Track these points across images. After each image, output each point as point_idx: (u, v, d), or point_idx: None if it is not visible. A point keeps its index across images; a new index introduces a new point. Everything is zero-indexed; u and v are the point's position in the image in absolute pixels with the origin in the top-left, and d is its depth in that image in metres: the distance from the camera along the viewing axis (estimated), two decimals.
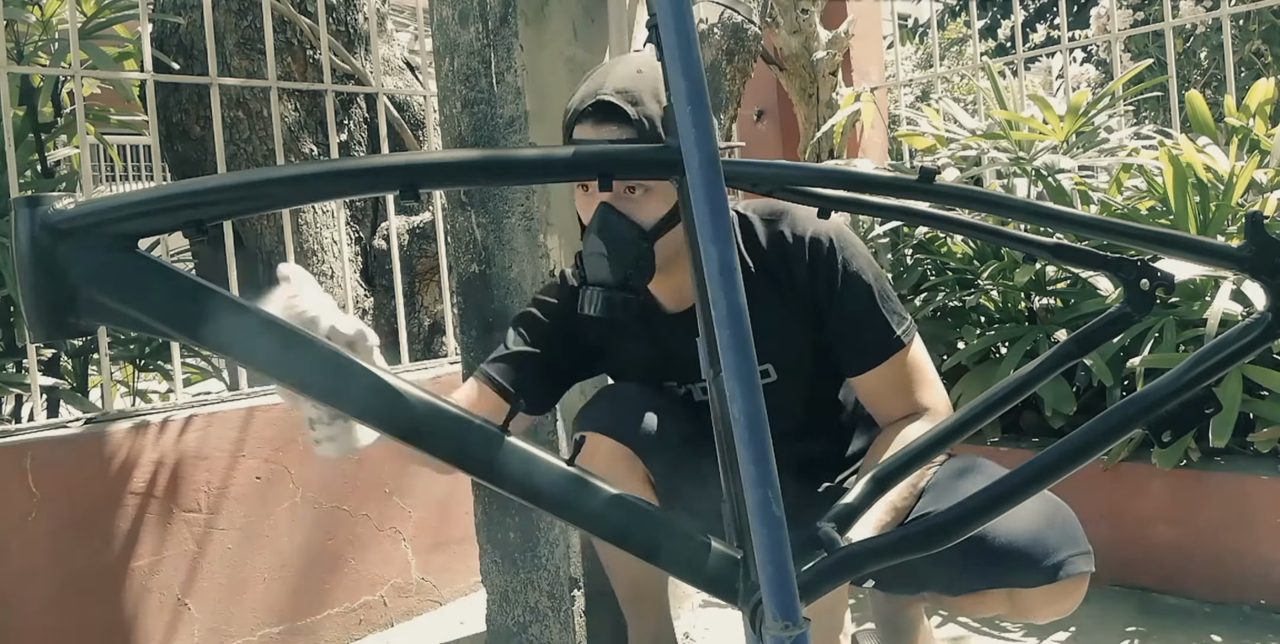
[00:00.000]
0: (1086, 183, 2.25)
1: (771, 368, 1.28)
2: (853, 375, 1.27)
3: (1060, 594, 1.16)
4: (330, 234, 2.79)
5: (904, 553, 0.76)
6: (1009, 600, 1.19)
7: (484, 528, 1.81)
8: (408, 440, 0.70)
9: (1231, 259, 0.79)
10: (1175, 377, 0.79)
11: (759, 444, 0.56)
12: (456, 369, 1.94)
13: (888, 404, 1.26)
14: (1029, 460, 0.78)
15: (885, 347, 1.23)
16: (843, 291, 1.23)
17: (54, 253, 0.63)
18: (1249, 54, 4.17)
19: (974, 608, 1.27)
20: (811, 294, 1.24)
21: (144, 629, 1.77)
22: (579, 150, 0.72)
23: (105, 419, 1.83)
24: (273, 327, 0.68)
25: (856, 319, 1.24)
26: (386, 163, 0.68)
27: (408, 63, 3.17)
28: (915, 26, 8.51)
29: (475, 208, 1.74)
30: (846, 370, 1.27)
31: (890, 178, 0.77)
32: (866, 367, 1.24)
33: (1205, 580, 1.91)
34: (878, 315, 1.23)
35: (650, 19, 0.64)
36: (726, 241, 0.57)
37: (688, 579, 0.74)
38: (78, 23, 2.15)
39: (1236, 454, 1.96)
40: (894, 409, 1.25)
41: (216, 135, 2.07)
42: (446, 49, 1.75)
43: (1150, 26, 3.27)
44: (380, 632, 2.09)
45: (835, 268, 1.23)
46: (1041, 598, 1.16)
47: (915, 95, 6.11)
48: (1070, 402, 1.99)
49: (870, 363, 1.24)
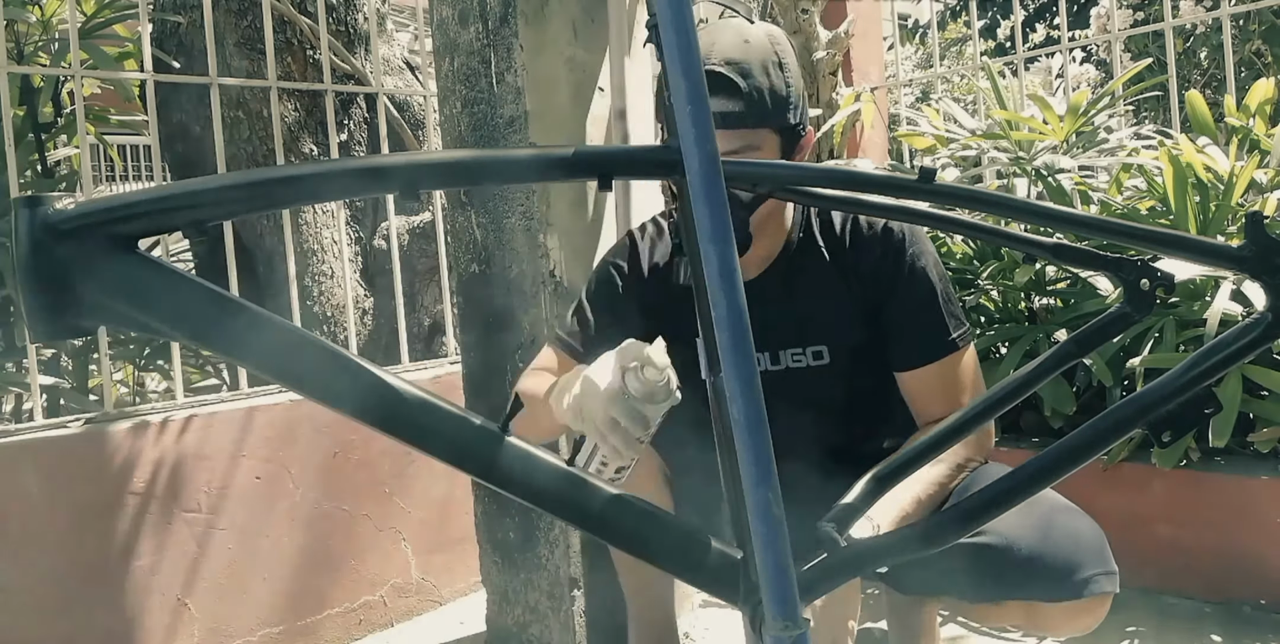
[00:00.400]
0: (1086, 183, 2.25)
1: (826, 350, 1.28)
2: (901, 370, 1.27)
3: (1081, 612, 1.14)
4: (330, 234, 2.78)
5: (904, 553, 0.76)
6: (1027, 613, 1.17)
7: (484, 528, 1.81)
8: (408, 440, 0.70)
9: (1231, 259, 0.79)
10: (1175, 376, 0.79)
11: (759, 444, 0.56)
12: (456, 369, 1.94)
13: (929, 405, 1.25)
14: (1029, 460, 0.78)
15: (938, 346, 1.23)
16: (906, 283, 1.24)
17: (54, 253, 0.63)
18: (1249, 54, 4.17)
19: (991, 617, 1.26)
20: (875, 282, 1.26)
21: (144, 629, 1.77)
22: (579, 150, 0.72)
23: (105, 419, 1.83)
24: (273, 326, 0.68)
25: (914, 313, 1.24)
26: (386, 163, 0.68)
27: (408, 63, 3.16)
28: (915, 26, 8.51)
29: (475, 208, 1.74)
30: (896, 364, 1.27)
31: (890, 178, 0.77)
32: (916, 363, 1.24)
33: (1205, 580, 1.91)
34: (937, 314, 1.24)
35: (650, 19, 0.64)
36: (727, 241, 0.57)
37: (688, 579, 0.74)
38: (78, 23, 2.15)
39: (1236, 454, 1.96)
40: (934, 412, 1.24)
41: (216, 135, 2.07)
42: (446, 49, 1.75)
43: (1150, 26, 3.27)
44: (380, 632, 2.09)
45: (903, 260, 1.24)
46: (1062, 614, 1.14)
47: (915, 95, 6.11)
48: (1070, 402, 1.99)
49: (921, 360, 1.24)
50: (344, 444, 2.06)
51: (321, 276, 2.76)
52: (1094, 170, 2.38)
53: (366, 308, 2.84)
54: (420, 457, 2.16)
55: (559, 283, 1.68)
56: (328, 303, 2.76)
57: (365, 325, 2.81)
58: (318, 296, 2.75)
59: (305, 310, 2.64)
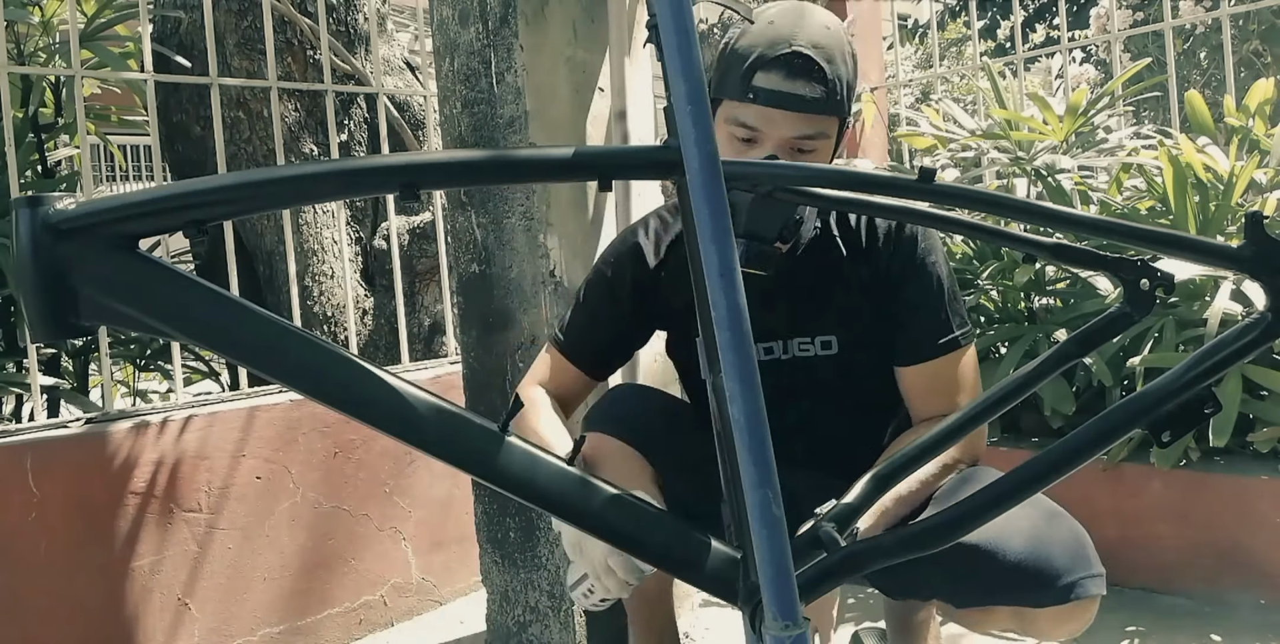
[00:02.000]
0: (1086, 183, 2.25)
1: (835, 340, 1.29)
2: (902, 365, 1.27)
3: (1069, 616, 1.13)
4: (330, 234, 2.79)
5: (904, 553, 0.76)
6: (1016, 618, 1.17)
7: (484, 528, 1.81)
8: (408, 440, 0.70)
9: (1231, 259, 0.79)
10: (1175, 376, 0.79)
11: (759, 444, 0.56)
12: (456, 369, 1.94)
13: (925, 402, 1.26)
14: (1029, 460, 0.78)
15: (940, 343, 1.24)
16: (913, 277, 1.25)
17: (55, 253, 0.63)
18: (1248, 54, 4.17)
19: (980, 622, 1.25)
20: (886, 275, 1.26)
21: (144, 629, 1.77)
22: (579, 150, 0.72)
23: (105, 419, 1.83)
24: (273, 326, 0.68)
25: (918, 307, 1.25)
26: (386, 163, 0.68)
27: (408, 63, 3.16)
28: (915, 27, 8.51)
29: (475, 208, 1.74)
30: (898, 358, 1.27)
31: (890, 178, 0.77)
32: (917, 359, 1.25)
33: (1205, 580, 1.91)
34: (941, 311, 1.24)
35: (650, 19, 0.64)
36: (726, 241, 0.57)
37: (688, 579, 0.74)
38: (78, 23, 2.15)
39: (1236, 454, 1.96)
40: (929, 408, 1.25)
41: (217, 135, 2.07)
42: (446, 49, 1.75)
43: (1150, 26, 3.27)
44: (380, 631, 2.09)
45: (914, 255, 1.25)
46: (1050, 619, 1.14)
47: (915, 95, 6.11)
48: (1070, 402, 1.99)
49: (921, 356, 1.24)
50: (344, 444, 2.06)
51: (321, 276, 2.76)
52: (1094, 170, 2.38)
53: (366, 308, 2.84)
54: (420, 457, 2.17)
55: (559, 283, 1.68)
56: (328, 303, 2.76)
57: (365, 325, 2.81)
58: (318, 297, 2.75)
59: (305, 310, 2.65)
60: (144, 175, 8.57)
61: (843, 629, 1.94)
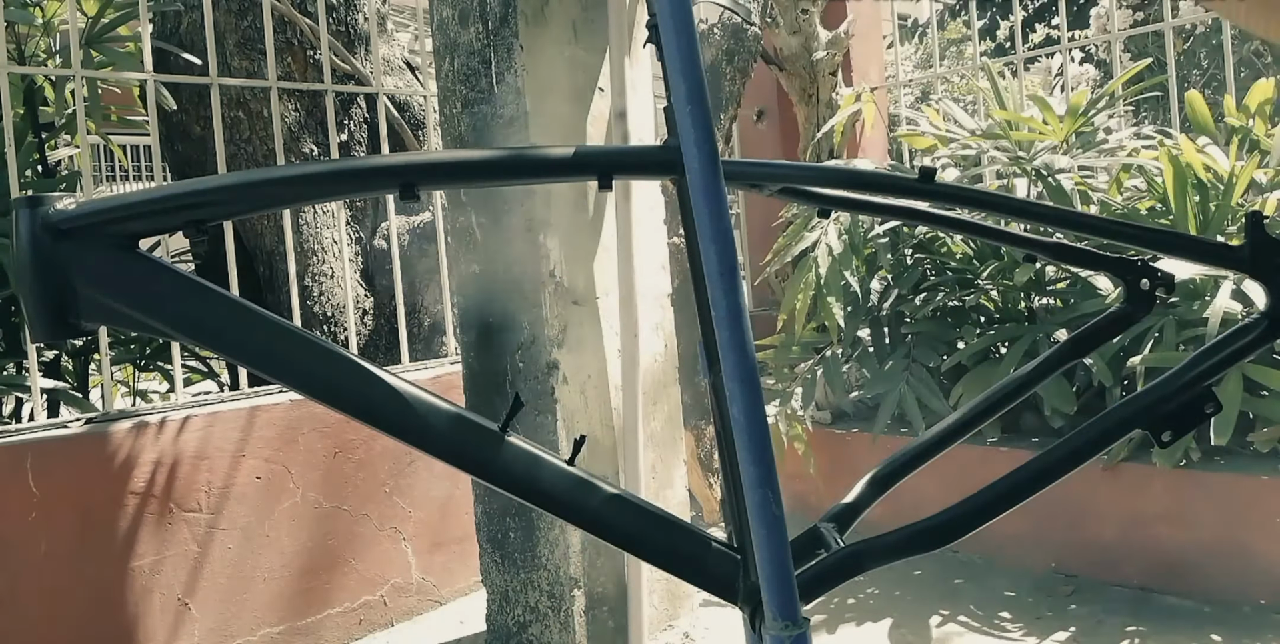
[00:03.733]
0: (1086, 183, 2.25)
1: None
2: None
3: None
4: (330, 234, 2.79)
5: (905, 553, 0.76)
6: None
7: (484, 528, 1.81)
8: (409, 440, 0.70)
9: (1231, 259, 0.79)
10: (1175, 376, 0.79)
11: (759, 444, 0.56)
12: (456, 369, 1.94)
13: None
14: (1029, 460, 0.78)
15: None
16: None
17: (55, 253, 0.63)
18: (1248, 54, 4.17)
19: None
20: None
21: (145, 629, 1.77)
22: (579, 150, 0.72)
23: (105, 419, 1.83)
24: (273, 326, 0.68)
25: None
26: (386, 163, 0.68)
27: (408, 63, 3.16)
28: (915, 26, 8.51)
29: (475, 208, 1.74)
30: None
31: (890, 178, 0.77)
32: None
33: (1205, 580, 1.91)
34: None
35: (650, 19, 0.64)
36: (727, 241, 0.57)
37: (688, 579, 0.74)
38: (79, 24, 2.15)
39: (1236, 454, 1.96)
40: None
41: (217, 135, 2.07)
42: (446, 49, 1.75)
43: (1150, 26, 3.27)
44: (380, 631, 2.09)
45: None
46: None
47: (915, 95, 6.11)
48: (1070, 402, 1.99)
49: None
50: (344, 444, 2.06)
51: (321, 276, 2.76)
52: (1094, 170, 2.37)
53: (366, 308, 2.84)
54: (420, 457, 2.17)
55: (559, 283, 1.68)
56: (328, 303, 2.76)
57: (365, 325, 2.81)
58: (318, 296, 2.75)
59: (305, 310, 2.65)
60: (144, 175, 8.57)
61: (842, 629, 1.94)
